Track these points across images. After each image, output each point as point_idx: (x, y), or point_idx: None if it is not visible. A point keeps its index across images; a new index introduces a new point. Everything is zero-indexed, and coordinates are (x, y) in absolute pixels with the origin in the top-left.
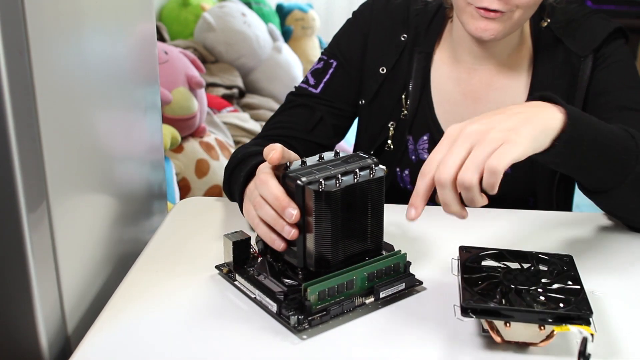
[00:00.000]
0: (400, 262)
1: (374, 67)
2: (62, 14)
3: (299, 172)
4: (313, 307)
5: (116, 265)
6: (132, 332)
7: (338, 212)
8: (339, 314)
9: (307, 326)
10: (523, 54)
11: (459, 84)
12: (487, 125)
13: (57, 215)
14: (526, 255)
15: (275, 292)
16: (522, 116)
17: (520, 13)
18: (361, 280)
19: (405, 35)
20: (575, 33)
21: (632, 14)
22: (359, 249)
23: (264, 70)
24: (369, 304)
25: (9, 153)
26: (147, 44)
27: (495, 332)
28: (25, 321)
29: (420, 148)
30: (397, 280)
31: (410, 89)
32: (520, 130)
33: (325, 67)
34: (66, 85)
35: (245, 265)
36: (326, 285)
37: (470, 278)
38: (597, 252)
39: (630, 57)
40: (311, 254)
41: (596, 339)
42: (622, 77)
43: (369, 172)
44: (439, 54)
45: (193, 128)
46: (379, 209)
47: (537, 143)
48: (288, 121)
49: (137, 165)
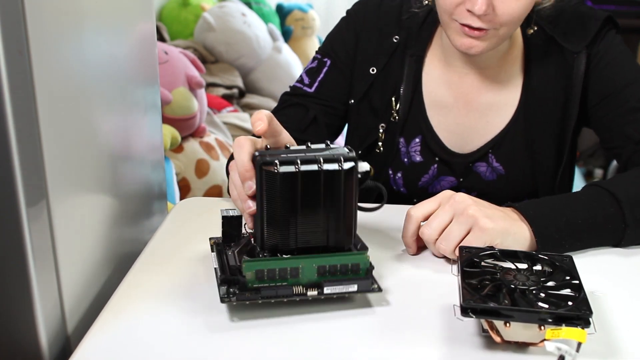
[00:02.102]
0: (360, 263)
1: (364, 66)
2: (62, 14)
3: (269, 154)
4: (248, 284)
5: (116, 265)
6: (132, 332)
7: (292, 198)
8: (271, 297)
9: (235, 300)
10: (515, 55)
11: (450, 88)
12: (474, 201)
13: (57, 215)
14: (526, 256)
15: (230, 266)
16: (501, 214)
17: (505, 30)
18: (308, 271)
19: (397, 37)
20: (566, 28)
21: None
22: (317, 241)
23: (264, 70)
24: (310, 297)
25: (9, 153)
26: (147, 44)
27: (495, 332)
28: (25, 321)
29: (412, 150)
30: (350, 281)
31: (401, 92)
32: (496, 220)
33: (319, 66)
34: (66, 85)
35: (232, 242)
36: (264, 266)
37: (470, 278)
38: (597, 252)
39: (625, 48)
40: (261, 235)
41: (596, 338)
42: (624, 74)
43: (337, 164)
44: (430, 57)
45: (193, 128)
46: (347, 204)
47: (505, 240)
48: (281, 121)
49: (137, 165)
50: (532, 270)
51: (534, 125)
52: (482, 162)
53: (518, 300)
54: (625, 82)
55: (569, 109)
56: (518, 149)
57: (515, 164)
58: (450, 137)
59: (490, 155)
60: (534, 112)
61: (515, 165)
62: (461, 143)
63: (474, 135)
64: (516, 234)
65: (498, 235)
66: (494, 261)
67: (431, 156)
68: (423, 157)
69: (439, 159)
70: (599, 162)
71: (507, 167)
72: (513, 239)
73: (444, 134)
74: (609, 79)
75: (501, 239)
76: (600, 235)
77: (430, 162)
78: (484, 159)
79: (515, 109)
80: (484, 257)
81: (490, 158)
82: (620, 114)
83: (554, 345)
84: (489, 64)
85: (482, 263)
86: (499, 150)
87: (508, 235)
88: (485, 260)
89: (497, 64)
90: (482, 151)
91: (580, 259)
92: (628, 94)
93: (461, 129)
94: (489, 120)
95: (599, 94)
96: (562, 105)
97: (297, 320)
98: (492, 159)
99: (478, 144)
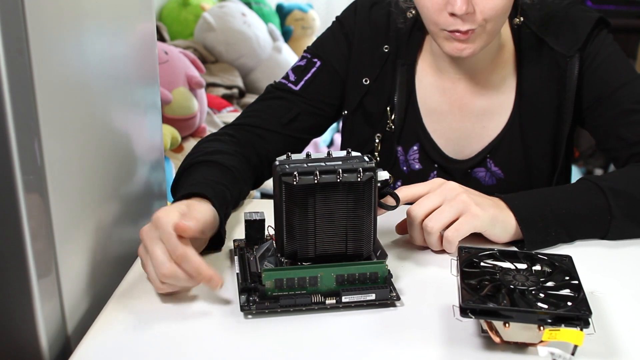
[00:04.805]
0: (379, 272)
1: (357, 77)
2: (62, 14)
3: (288, 163)
4: (267, 292)
5: (116, 265)
6: (131, 332)
7: (311, 208)
8: (290, 305)
9: (254, 309)
10: (506, 56)
11: (444, 94)
12: (465, 189)
13: (57, 215)
14: (525, 256)
15: (250, 272)
16: (490, 202)
17: (491, 25)
18: (326, 280)
19: (387, 46)
20: (557, 31)
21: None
22: (336, 249)
23: (264, 70)
24: (329, 305)
25: (9, 153)
26: (147, 44)
27: (495, 333)
28: (25, 321)
29: (411, 158)
30: (368, 289)
31: (395, 101)
32: (485, 208)
33: (307, 66)
34: (66, 85)
35: (256, 245)
36: (284, 275)
37: (470, 278)
38: (597, 252)
39: (617, 48)
40: (282, 245)
41: (596, 338)
42: (615, 74)
43: (356, 174)
44: (421, 64)
45: (193, 128)
46: (366, 214)
47: (494, 227)
48: (264, 111)
49: (137, 165)
50: (531, 270)
51: (529, 128)
52: (481, 167)
53: (517, 300)
54: (618, 83)
55: (563, 112)
56: (515, 152)
57: (513, 168)
58: (447, 144)
59: (489, 160)
60: (528, 116)
61: (514, 168)
62: (459, 149)
63: (471, 140)
64: (504, 222)
65: (487, 221)
66: (493, 261)
67: (430, 163)
68: (422, 165)
69: (438, 166)
70: (598, 162)
71: (505, 171)
72: (501, 227)
73: (441, 141)
74: (602, 81)
75: (490, 226)
76: (586, 225)
77: (429, 169)
78: (482, 164)
79: (511, 113)
80: (483, 257)
81: (488, 163)
82: (614, 116)
83: (547, 350)
84: (481, 68)
85: (482, 263)
86: (497, 154)
87: (496, 223)
88: (484, 260)
89: (488, 68)
90: (480, 156)
91: (580, 259)
92: (621, 95)
93: (458, 134)
94: (485, 125)
95: (592, 96)
96: (555, 109)
97: (296, 320)
98: (490, 163)
99: (476, 149)
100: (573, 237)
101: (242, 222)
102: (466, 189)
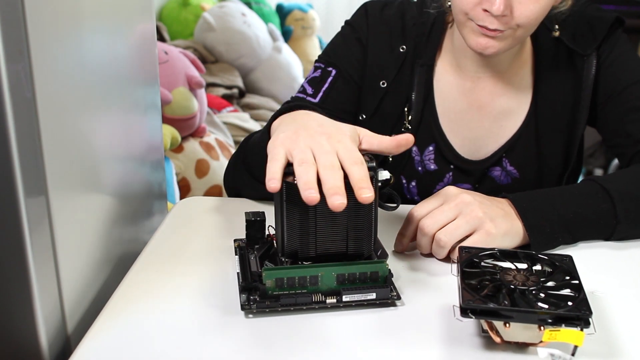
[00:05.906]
0: (380, 272)
1: (373, 81)
2: (62, 14)
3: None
4: (268, 291)
5: (116, 265)
6: (132, 332)
7: (312, 207)
8: (291, 305)
9: (255, 308)
10: (524, 58)
11: (464, 93)
12: (479, 202)
13: (57, 215)
14: (526, 256)
15: (251, 272)
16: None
17: (522, 31)
18: (327, 279)
19: (404, 46)
20: (574, 31)
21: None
22: (337, 248)
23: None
24: (329, 304)
25: (9, 153)
26: (147, 44)
27: (495, 333)
28: (25, 321)
29: (426, 159)
30: (369, 289)
31: (412, 102)
32: (498, 224)
33: (323, 76)
34: (66, 85)
35: (256, 244)
36: (284, 274)
37: (470, 278)
38: (597, 252)
39: (630, 46)
40: (282, 243)
41: (596, 338)
42: (629, 72)
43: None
44: (440, 64)
45: (193, 128)
46: (367, 213)
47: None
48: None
49: (137, 165)
50: (531, 270)
51: (544, 127)
52: (497, 166)
53: (518, 300)
54: (629, 80)
55: (577, 111)
56: (530, 151)
57: (528, 167)
58: (463, 144)
59: (505, 160)
60: (544, 116)
61: (528, 168)
62: (475, 149)
63: (487, 140)
64: (514, 233)
65: (499, 238)
66: (493, 261)
67: (446, 164)
68: (437, 166)
69: (453, 167)
70: (599, 162)
71: (520, 170)
72: (510, 239)
73: (457, 141)
74: (614, 78)
75: (501, 241)
76: (591, 229)
77: (445, 170)
78: (498, 164)
79: (527, 113)
80: (483, 257)
81: (504, 162)
82: (623, 112)
83: (547, 351)
84: (503, 68)
85: (482, 263)
86: (512, 154)
87: (507, 236)
88: (484, 260)
89: (509, 68)
90: (496, 156)
91: (580, 258)
92: (631, 92)
93: (474, 134)
94: (502, 125)
95: (605, 93)
96: (571, 108)
97: (297, 319)
98: (506, 163)
99: (492, 149)
100: (577, 240)
101: (243, 222)
102: (480, 201)
